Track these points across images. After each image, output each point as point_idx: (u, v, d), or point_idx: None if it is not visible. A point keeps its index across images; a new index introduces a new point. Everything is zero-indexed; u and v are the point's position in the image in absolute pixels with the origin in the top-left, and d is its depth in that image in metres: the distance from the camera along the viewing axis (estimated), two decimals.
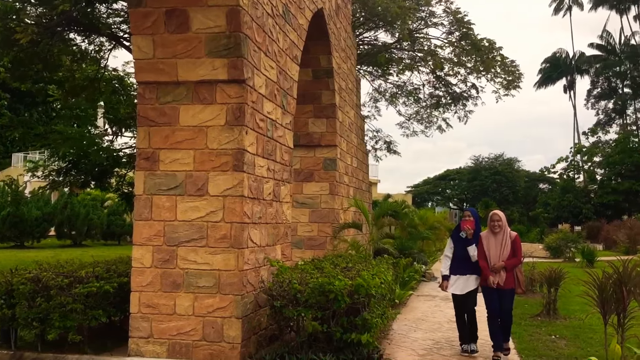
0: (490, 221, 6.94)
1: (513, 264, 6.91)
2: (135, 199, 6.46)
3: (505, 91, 21.69)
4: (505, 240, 6.90)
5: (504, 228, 6.94)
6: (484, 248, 7.00)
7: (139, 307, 6.32)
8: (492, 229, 6.95)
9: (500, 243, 6.89)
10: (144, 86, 6.50)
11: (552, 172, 62.94)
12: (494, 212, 7.03)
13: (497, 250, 6.88)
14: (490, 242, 6.95)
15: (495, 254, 6.89)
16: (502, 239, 6.90)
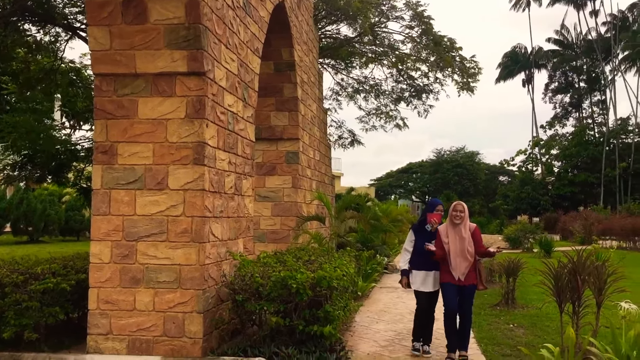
0: (452, 211, 6.64)
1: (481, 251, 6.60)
2: (93, 193, 6.33)
3: (462, 91, 22.02)
4: (466, 232, 6.56)
5: (464, 220, 6.61)
6: (441, 241, 6.62)
7: (97, 303, 6.20)
8: (453, 220, 6.61)
9: (460, 235, 6.53)
10: (100, 78, 6.36)
11: (512, 165, 64.28)
12: (458, 203, 6.74)
13: (457, 242, 6.51)
14: (450, 234, 6.57)
15: (455, 246, 6.51)
16: (463, 231, 6.55)
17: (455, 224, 6.60)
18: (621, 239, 26.31)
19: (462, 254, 6.47)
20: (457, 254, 6.50)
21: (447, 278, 6.58)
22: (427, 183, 72.90)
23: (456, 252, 6.50)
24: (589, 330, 6.95)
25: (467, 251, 6.48)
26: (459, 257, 6.49)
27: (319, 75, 14.97)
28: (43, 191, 30.13)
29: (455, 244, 6.51)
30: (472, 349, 7.08)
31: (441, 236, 6.62)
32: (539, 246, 21.60)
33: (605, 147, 52.58)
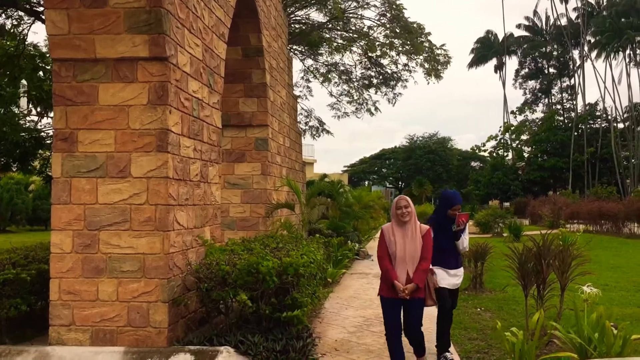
0: (395, 208, 5.42)
1: (424, 269, 5.34)
2: (53, 182, 6.17)
3: (430, 77, 22.11)
4: (416, 233, 5.36)
5: (412, 217, 5.41)
6: (385, 244, 5.41)
7: (59, 294, 6.07)
8: (399, 218, 5.38)
9: (409, 236, 5.33)
10: (59, 63, 6.17)
11: (483, 151, 65.05)
12: (401, 197, 5.49)
13: (404, 246, 5.32)
14: (397, 236, 5.35)
15: (402, 251, 5.32)
16: (412, 232, 5.35)
17: (402, 222, 5.38)
18: (588, 223, 26.81)
19: (412, 259, 5.31)
20: (403, 259, 5.31)
21: (387, 291, 5.38)
22: (400, 169, 73.40)
23: (403, 257, 5.31)
24: (554, 313, 7.06)
25: (416, 255, 5.34)
26: (407, 264, 5.32)
27: (289, 61, 14.85)
28: (9, 180, 29.50)
29: (402, 247, 5.32)
30: None
31: (385, 236, 5.43)
32: (509, 231, 21.91)
33: (573, 133, 53.47)
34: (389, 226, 5.49)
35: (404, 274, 5.30)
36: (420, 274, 5.29)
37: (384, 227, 5.56)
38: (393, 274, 5.29)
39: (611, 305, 7.61)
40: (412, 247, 5.31)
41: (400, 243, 5.34)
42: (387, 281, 5.34)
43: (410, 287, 5.23)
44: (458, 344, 6.66)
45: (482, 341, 6.75)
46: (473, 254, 10.50)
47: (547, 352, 6.11)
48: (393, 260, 5.34)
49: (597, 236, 22.88)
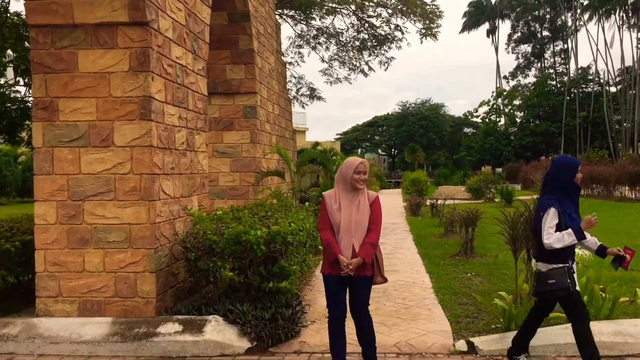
0: (353, 172, 4.60)
1: (372, 242, 4.57)
2: (35, 152, 6.05)
3: (425, 38, 21.77)
4: (362, 203, 4.63)
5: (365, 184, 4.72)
6: (327, 214, 4.66)
7: (44, 265, 6.00)
8: (353, 184, 4.60)
9: (356, 204, 4.61)
10: (37, 30, 5.99)
11: (476, 117, 64.94)
12: (360, 161, 4.67)
13: (350, 215, 4.57)
14: (343, 204, 4.60)
15: (347, 221, 4.56)
16: (360, 199, 4.63)
17: (355, 189, 4.64)
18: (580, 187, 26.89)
19: (358, 230, 4.58)
20: (348, 230, 4.57)
21: (331, 267, 4.62)
22: (393, 136, 73.32)
23: (348, 228, 4.57)
24: None
25: (363, 225, 4.61)
26: (352, 235, 4.57)
27: (277, 27, 14.57)
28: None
29: (348, 217, 4.58)
30: (429, 299, 7.14)
31: (327, 204, 4.68)
32: (500, 196, 21.96)
33: (566, 97, 53.33)
34: (332, 192, 4.69)
35: (349, 247, 4.56)
36: (367, 247, 4.54)
37: (325, 194, 4.77)
38: (336, 248, 4.55)
39: (601, 269, 7.62)
40: (359, 216, 4.58)
41: (345, 212, 4.58)
42: (330, 256, 4.59)
43: (356, 261, 4.49)
44: (448, 309, 6.66)
45: (472, 306, 6.76)
46: (463, 219, 10.49)
47: None
48: (337, 233, 4.60)
49: (588, 200, 22.98)
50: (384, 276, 4.83)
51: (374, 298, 7.17)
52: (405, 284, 8.08)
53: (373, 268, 4.68)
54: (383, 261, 4.85)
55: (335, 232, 4.63)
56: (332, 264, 4.61)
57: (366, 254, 4.55)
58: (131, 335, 5.51)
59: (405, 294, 7.43)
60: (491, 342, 5.37)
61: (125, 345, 5.44)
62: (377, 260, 4.73)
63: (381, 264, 4.78)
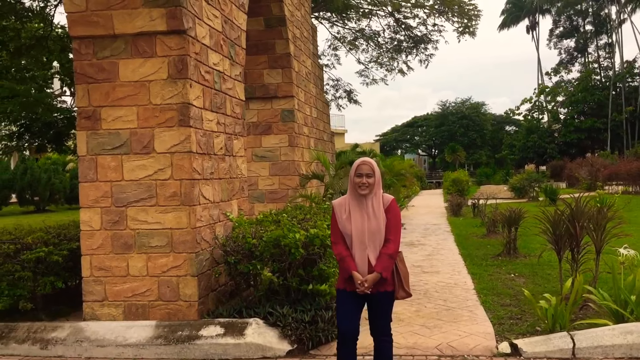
0: (355, 176, 4.13)
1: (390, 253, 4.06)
2: (79, 160, 6.22)
3: (463, 35, 21.51)
4: (376, 209, 4.10)
5: (375, 187, 4.13)
6: (337, 225, 4.19)
7: (90, 270, 6.16)
8: (357, 190, 4.12)
9: (369, 212, 4.09)
10: (79, 41, 6.17)
11: (517, 114, 63.81)
12: (363, 162, 4.17)
13: (362, 224, 4.08)
14: (354, 212, 4.12)
15: (360, 231, 4.08)
16: (373, 206, 4.10)
17: (360, 195, 4.13)
18: (627, 184, 26.13)
19: (373, 241, 4.08)
20: (361, 241, 4.08)
21: (345, 282, 4.18)
22: (433, 136, 72.65)
23: (362, 240, 4.08)
24: (590, 277, 6.89)
25: (379, 234, 4.09)
26: (366, 247, 4.08)
27: (313, 30, 14.63)
28: (47, 160, 30.14)
29: (361, 226, 4.09)
30: (471, 301, 7.05)
31: (336, 214, 4.20)
32: (544, 194, 21.51)
33: (611, 92, 51.88)
34: (343, 200, 4.22)
35: (365, 261, 4.07)
36: (384, 260, 4.03)
37: (335, 202, 4.26)
38: (350, 262, 4.08)
39: None
40: (373, 225, 4.06)
41: (357, 221, 4.09)
42: (344, 272, 4.13)
43: (372, 277, 4.02)
44: (491, 310, 6.56)
45: (516, 307, 6.64)
46: (506, 219, 10.31)
47: (582, 316, 5.98)
48: (350, 245, 4.12)
49: (637, 197, 22.29)
50: (408, 290, 4.24)
51: (414, 300, 7.15)
52: (447, 285, 7.99)
53: (394, 282, 4.17)
54: (408, 273, 4.31)
55: (349, 245, 4.12)
56: (347, 280, 4.13)
57: (383, 268, 4.03)
58: (174, 338, 5.61)
59: (446, 295, 7.36)
60: (535, 344, 5.27)
61: (169, 348, 5.54)
62: (399, 273, 4.19)
63: (404, 276, 4.22)
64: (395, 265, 4.17)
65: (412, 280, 8.29)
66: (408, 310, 6.70)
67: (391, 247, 4.07)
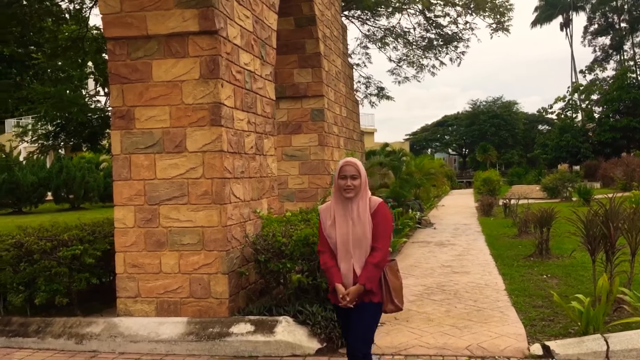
0: (338, 178, 3.76)
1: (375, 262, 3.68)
2: (113, 159, 6.35)
3: (496, 32, 21.23)
4: (364, 212, 3.72)
5: (362, 190, 3.77)
6: (323, 231, 3.86)
7: (124, 267, 6.28)
8: (341, 192, 3.75)
9: (353, 216, 3.72)
10: (113, 42, 6.29)
11: (550, 113, 62.75)
12: (347, 162, 3.78)
13: (347, 231, 3.72)
14: (338, 217, 3.76)
15: (345, 238, 3.72)
16: (358, 210, 3.72)
17: (345, 199, 3.77)
18: None
19: (358, 249, 3.72)
20: (346, 249, 3.73)
21: (332, 295, 3.88)
22: (463, 135, 71.95)
23: (346, 247, 3.73)
24: (625, 279, 6.76)
25: (365, 241, 3.73)
26: (352, 256, 3.73)
27: (343, 30, 14.63)
28: (81, 159, 30.74)
29: (345, 233, 3.73)
30: (502, 301, 6.98)
31: (322, 221, 3.87)
32: (578, 195, 21.14)
33: None
34: (328, 205, 3.86)
35: (350, 271, 3.72)
36: (368, 270, 3.68)
37: (321, 208, 3.92)
38: (334, 273, 3.76)
39: None
40: (358, 231, 3.70)
41: (342, 227, 3.72)
42: (330, 283, 3.86)
43: (354, 290, 3.66)
44: (522, 311, 6.48)
45: (548, 308, 6.55)
46: (538, 219, 10.17)
47: (616, 318, 5.87)
48: (335, 254, 3.78)
49: None
50: (398, 304, 3.82)
51: (444, 300, 7.11)
52: (477, 285, 7.92)
53: (381, 294, 3.78)
54: (401, 285, 3.92)
55: (335, 254, 3.79)
56: (332, 292, 3.85)
57: (366, 279, 3.66)
58: (205, 334, 5.68)
59: (477, 296, 7.29)
60: (568, 346, 5.19)
61: (200, 345, 5.62)
62: (388, 284, 3.79)
63: (394, 288, 3.80)
64: (384, 276, 3.79)
65: (442, 280, 8.24)
66: (438, 310, 6.67)
67: (377, 255, 3.69)
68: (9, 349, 5.94)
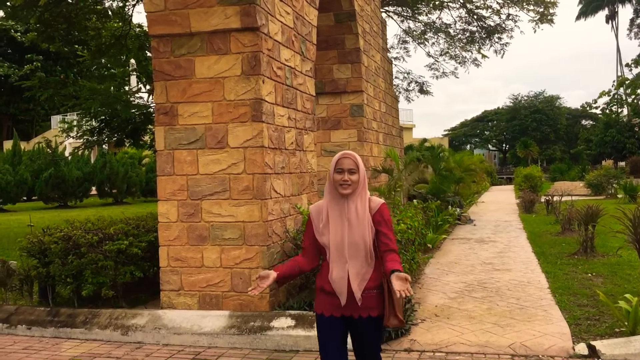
0: (334, 172, 3.28)
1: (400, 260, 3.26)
2: (157, 154, 6.47)
3: (540, 23, 20.73)
4: (360, 214, 3.24)
5: (360, 187, 3.28)
6: (310, 234, 3.40)
7: (167, 261, 6.40)
8: (336, 189, 3.27)
9: (351, 216, 3.24)
10: (157, 39, 6.40)
11: (594, 108, 61.22)
12: (344, 155, 3.30)
13: (343, 232, 3.24)
14: (332, 216, 3.27)
15: (339, 240, 3.24)
16: (357, 209, 3.24)
17: (340, 197, 3.28)
18: None
19: (355, 253, 3.24)
20: (340, 253, 3.25)
21: (324, 304, 3.35)
22: (503, 131, 70.76)
23: (341, 251, 3.25)
24: None
25: (363, 245, 3.23)
26: (346, 260, 3.24)
27: (382, 25, 14.55)
28: (124, 155, 31.43)
29: (340, 234, 3.26)
30: (546, 300, 6.86)
31: (313, 222, 3.39)
32: (624, 191, 20.59)
33: None
34: (321, 204, 3.38)
35: (344, 277, 3.24)
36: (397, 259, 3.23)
37: (312, 207, 3.42)
38: (284, 265, 3.45)
39: None
40: (355, 234, 3.23)
41: (336, 228, 3.26)
42: (322, 284, 3.37)
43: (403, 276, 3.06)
44: (566, 310, 6.36)
45: (593, 308, 6.41)
46: (582, 216, 9.95)
47: None
48: (328, 258, 3.31)
49: None
50: (400, 317, 3.28)
51: (485, 297, 7.03)
52: (520, 283, 7.80)
53: (382, 306, 3.29)
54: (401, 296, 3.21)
55: (327, 258, 3.32)
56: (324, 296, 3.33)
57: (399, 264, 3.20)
58: (247, 328, 5.75)
59: (519, 294, 7.18)
60: (614, 346, 5.07)
61: (242, 338, 5.69)
62: (391, 295, 3.25)
63: (397, 299, 3.26)
64: (388, 286, 3.24)
65: (483, 278, 8.15)
66: (479, 308, 6.59)
67: (398, 257, 3.24)
68: (57, 339, 6.13)
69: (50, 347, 5.87)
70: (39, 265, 6.77)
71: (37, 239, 6.77)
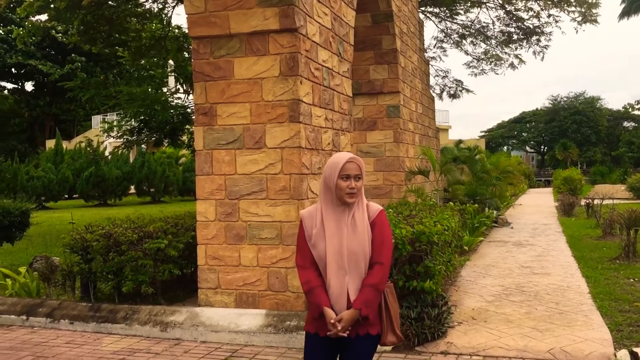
0: (338, 177, 2.99)
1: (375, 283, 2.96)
2: (196, 154, 6.57)
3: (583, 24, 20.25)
4: (359, 223, 3.02)
5: (360, 195, 3.07)
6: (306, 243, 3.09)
7: (205, 259, 6.49)
8: (342, 197, 3.00)
9: (348, 225, 3.01)
10: (197, 41, 6.50)
11: (637, 109, 59.62)
12: (350, 159, 3.04)
13: (340, 242, 2.99)
14: (329, 225, 3.02)
15: (337, 250, 2.99)
16: (355, 217, 3.02)
17: (340, 205, 3.04)
18: None
19: (355, 265, 3.00)
20: (339, 265, 3.00)
21: (314, 322, 3.10)
22: (542, 132, 69.51)
23: (339, 262, 3.00)
24: None
25: (362, 256, 3.00)
26: (346, 272, 3.00)
27: (420, 25, 14.46)
28: (162, 154, 31.94)
29: (337, 244, 3.00)
30: (586, 305, 6.72)
31: (306, 230, 3.11)
32: None
33: None
34: (314, 210, 3.12)
35: (343, 292, 3.00)
36: (367, 293, 2.96)
37: (304, 212, 3.15)
38: (320, 295, 3.02)
39: None
40: (356, 244, 2.99)
41: (334, 238, 3.00)
42: (314, 308, 3.07)
43: (348, 315, 2.94)
44: (608, 316, 6.22)
45: (635, 314, 6.25)
46: (625, 220, 9.71)
47: None
48: (323, 270, 3.05)
49: None
50: (399, 333, 3.11)
51: (524, 302, 6.92)
52: (559, 287, 7.66)
53: (380, 323, 3.07)
54: (397, 311, 3.14)
55: (322, 270, 3.05)
56: (318, 319, 3.04)
57: (364, 303, 2.95)
58: (283, 327, 5.79)
59: (558, 299, 7.06)
60: None
61: (278, 337, 5.74)
62: (389, 310, 3.07)
63: (394, 315, 3.08)
64: (385, 300, 3.06)
65: (521, 281, 8.03)
66: (518, 312, 6.50)
67: (377, 273, 2.98)
68: (99, 334, 6.28)
69: (92, 342, 6.02)
70: (81, 262, 6.95)
71: (79, 236, 6.95)
